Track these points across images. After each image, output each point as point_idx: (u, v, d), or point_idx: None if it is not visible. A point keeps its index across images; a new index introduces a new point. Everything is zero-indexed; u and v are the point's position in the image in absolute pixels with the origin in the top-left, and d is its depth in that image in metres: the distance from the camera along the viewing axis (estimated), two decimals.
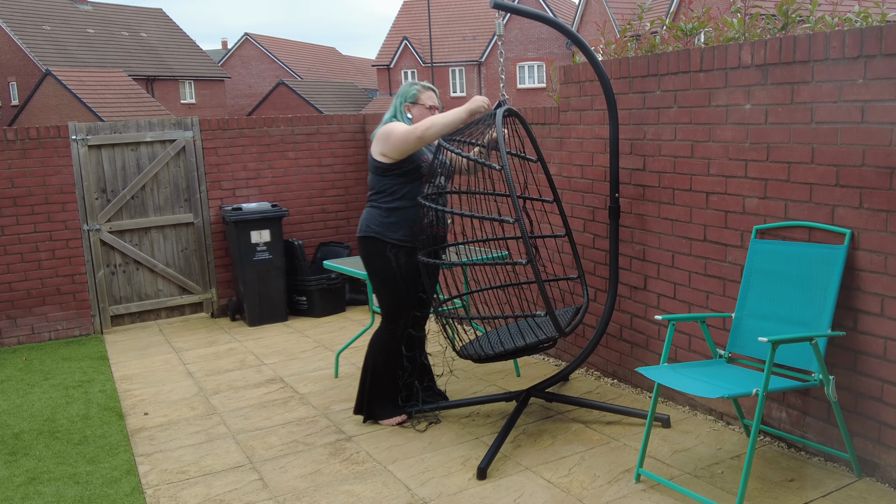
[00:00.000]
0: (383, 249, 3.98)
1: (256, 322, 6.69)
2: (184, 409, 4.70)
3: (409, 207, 3.98)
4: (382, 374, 4.16)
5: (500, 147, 3.52)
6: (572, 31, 4.02)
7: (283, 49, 47.68)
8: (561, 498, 3.30)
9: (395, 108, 4.10)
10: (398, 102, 4.10)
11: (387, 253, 3.98)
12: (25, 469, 3.91)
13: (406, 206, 3.99)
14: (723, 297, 3.83)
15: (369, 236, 4.02)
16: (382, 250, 3.99)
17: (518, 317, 3.77)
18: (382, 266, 4.01)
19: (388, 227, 3.98)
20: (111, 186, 6.58)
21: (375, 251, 4.01)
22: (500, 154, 3.51)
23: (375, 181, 4.04)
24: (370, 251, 4.04)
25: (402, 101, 4.09)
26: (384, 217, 3.99)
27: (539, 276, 3.51)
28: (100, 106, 28.06)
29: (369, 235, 4.02)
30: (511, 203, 3.50)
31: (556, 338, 3.81)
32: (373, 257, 4.03)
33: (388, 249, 3.98)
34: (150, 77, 35.34)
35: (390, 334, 4.12)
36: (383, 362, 4.15)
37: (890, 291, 3.09)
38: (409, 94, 4.10)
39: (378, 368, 4.16)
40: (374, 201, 4.04)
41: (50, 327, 6.45)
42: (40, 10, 33.84)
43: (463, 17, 40.35)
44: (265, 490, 3.55)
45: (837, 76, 3.18)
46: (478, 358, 3.83)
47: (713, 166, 3.81)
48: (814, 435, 3.49)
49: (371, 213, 4.05)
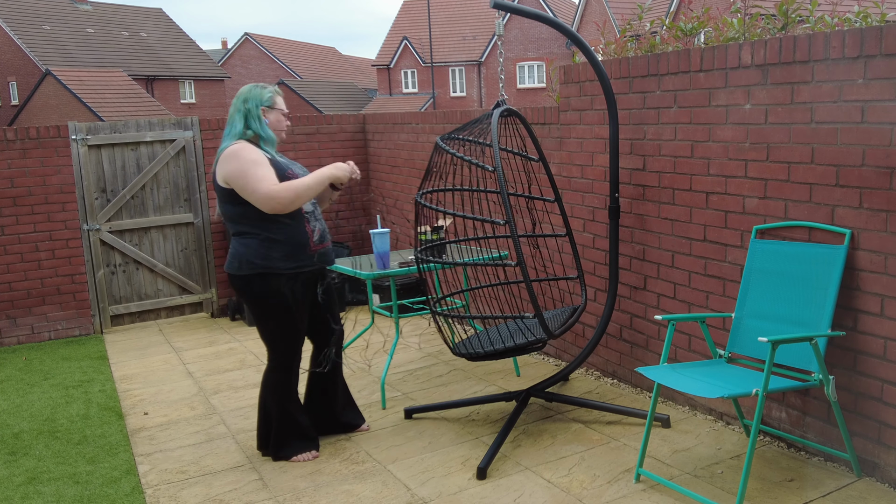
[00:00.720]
0: (278, 285, 3.53)
1: None
2: (184, 408, 4.70)
3: (292, 226, 3.53)
4: (285, 413, 3.77)
5: (494, 147, 3.53)
6: (572, 31, 4.02)
7: (283, 49, 47.68)
8: (561, 498, 3.30)
9: (248, 114, 3.56)
10: (252, 106, 3.56)
11: (282, 288, 3.54)
12: (25, 469, 3.91)
13: (289, 226, 3.53)
14: (723, 296, 3.83)
15: (255, 274, 3.50)
16: (277, 286, 3.53)
17: (507, 318, 3.78)
18: (277, 302, 3.56)
19: (276, 259, 3.51)
20: (111, 186, 6.58)
21: (267, 289, 3.53)
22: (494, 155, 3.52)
23: (235, 211, 3.50)
24: (260, 290, 3.53)
25: (258, 105, 3.58)
26: (267, 248, 3.50)
27: (528, 277, 3.50)
28: (100, 106, 28.05)
29: (255, 273, 3.50)
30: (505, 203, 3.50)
31: (545, 339, 3.81)
32: (264, 296, 3.55)
33: (283, 283, 3.53)
34: (150, 77, 35.34)
35: (286, 372, 3.73)
36: (283, 401, 3.75)
37: (890, 291, 3.09)
38: (263, 97, 3.60)
39: (281, 409, 3.76)
40: (246, 231, 3.51)
41: (50, 327, 6.45)
42: (40, 10, 33.83)
43: (463, 16, 40.35)
44: (265, 490, 3.55)
45: (837, 76, 3.18)
46: (471, 356, 3.84)
47: (713, 166, 3.81)
48: (814, 435, 3.49)
49: (246, 244, 3.51)
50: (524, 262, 3.51)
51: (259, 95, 3.61)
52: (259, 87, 3.65)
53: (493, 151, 3.51)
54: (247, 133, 3.58)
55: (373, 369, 5.21)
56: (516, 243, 3.50)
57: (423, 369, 5.16)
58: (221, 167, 3.49)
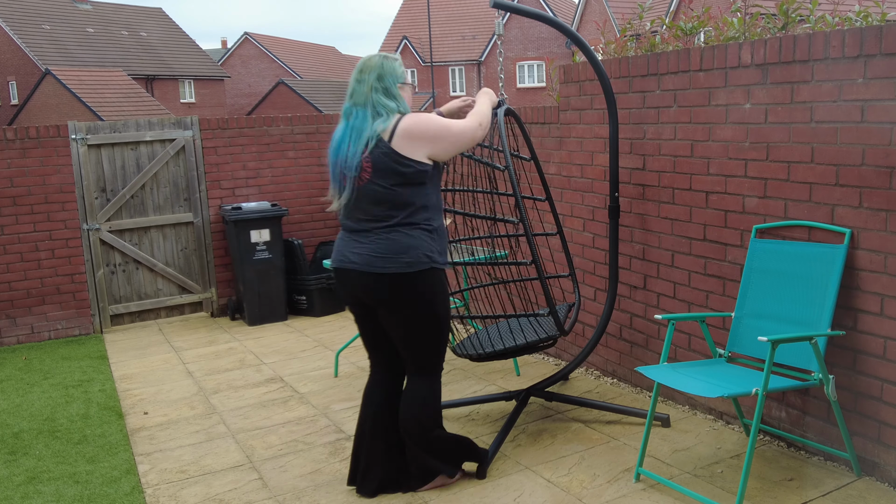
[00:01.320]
0: (442, 279, 3.24)
1: (256, 321, 6.69)
2: (183, 408, 4.70)
3: (441, 217, 3.27)
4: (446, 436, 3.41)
5: (504, 147, 3.53)
6: (572, 30, 4.02)
7: (283, 48, 47.64)
8: (561, 497, 3.30)
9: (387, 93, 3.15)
10: (390, 83, 3.16)
11: (445, 282, 3.27)
12: (25, 468, 3.91)
13: (440, 217, 3.26)
14: (722, 296, 3.83)
15: (427, 269, 3.15)
16: (442, 281, 3.24)
17: (520, 316, 3.78)
18: (443, 300, 3.25)
19: (437, 252, 3.19)
20: (111, 186, 6.58)
21: (438, 284, 3.21)
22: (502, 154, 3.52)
23: (412, 194, 3.13)
24: (432, 286, 3.18)
25: (395, 82, 3.19)
26: (432, 239, 3.18)
27: (543, 275, 3.52)
28: (99, 105, 28.04)
29: (427, 269, 3.15)
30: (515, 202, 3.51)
31: (556, 336, 3.82)
32: (435, 293, 3.20)
33: (445, 276, 3.28)
34: (150, 76, 35.32)
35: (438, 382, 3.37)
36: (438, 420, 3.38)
37: (889, 291, 3.09)
38: (397, 72, 3.21)
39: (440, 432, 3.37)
40: (416, 221, 3.15)
41: (49, 327, 6.45)
42: (40, 10, 33.82)
43: (463, 16, 40.34)
44: (265, 489, 3.55)
45: (837, 75, 3.18)
46: (476, 357, 3.83)
47: (713, 166, 3.81)
48: (813, 434, 3.49)
49: (414, 235, 3.14)
50: (539, 259, 3.51)
51: (394, 70, 3.19)
52: (391, 61, 3.22)
53: (504, 151, 3.52)
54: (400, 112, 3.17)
55: None
56: (530, 241, 3.47)
57: None
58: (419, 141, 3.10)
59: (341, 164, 3.15)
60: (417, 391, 3.31)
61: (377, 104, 3.13)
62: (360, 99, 3.16)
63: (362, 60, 3.24)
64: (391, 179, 3.10)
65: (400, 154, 3.08)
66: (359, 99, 3.16)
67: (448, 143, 3.15)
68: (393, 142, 3.08)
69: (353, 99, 3.18)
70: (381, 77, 3.15)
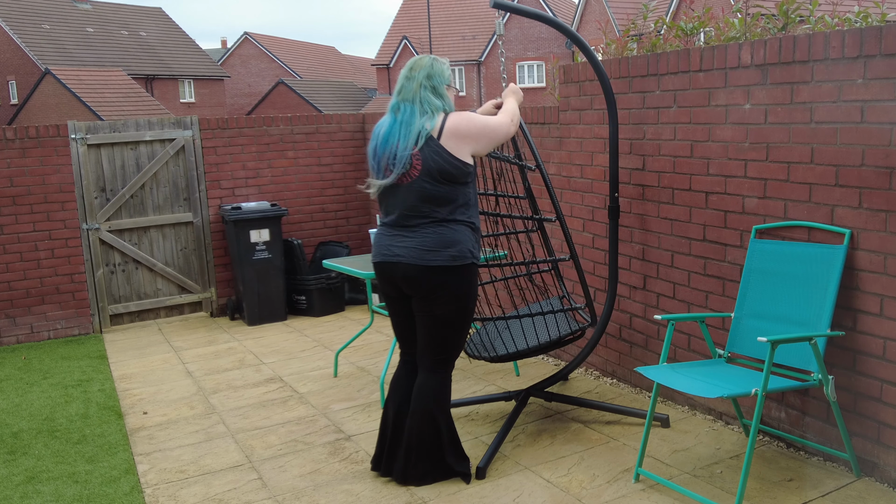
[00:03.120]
0: (477, 276, 3.37)
1: (256, 321, 6.69)
2: (183, 408, 4.70)
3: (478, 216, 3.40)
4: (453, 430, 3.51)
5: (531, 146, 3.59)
6: (572, 30, 4.02)
7: (283, 48, 47.66)
8: (560, 497, 3.30)
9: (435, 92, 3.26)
10: (437, 83, 3.27)
11: (478, 280, 3.40)
12: (24, 468, 3.91)
13: (478, 217, 3.40)
14: (722, 296, 3.83)
15: (470, 264, 3.28)
16: (477, 278, 3.37)
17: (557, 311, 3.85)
18: (474, 296, 3.37)
19: (476, 248, 3.33)
20: (110, 185, 6.58)
21: (474, 280, 3.34)
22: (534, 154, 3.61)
23: (456, 192, 3.24)
24: (470, 281, 3.30)
25: (443, 83, 3.29)
26: (474, 236, 3.31)
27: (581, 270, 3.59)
28: (99, 105, 28.04)
29: (468, 263, 3.28)
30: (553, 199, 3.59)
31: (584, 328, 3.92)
32: (471, 287, 3.33)
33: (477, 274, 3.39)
34: (150, 76, 35.32)
35: (450, 378, 3.49)
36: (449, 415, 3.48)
37: (889, 291, 3.09)
38: (445, 73, 3.32)
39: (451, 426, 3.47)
40: (456, 218, 3.25)
41: (49, 326, 6.44)
42: (39, 9, 33.82)
43: (463, 16, 40.34)
44: (264, 489, 3.55)
45: (837, 76, 3.18)
46: (496, 358, 3.83)
47: (713, 166, 3.81)
48: (813, 435, 3.49)
49: (459, 230, 3.26)
50: (577, 255, 3.56)
51: (442, 72, 3.30)
52: (440, 63, 3.33)
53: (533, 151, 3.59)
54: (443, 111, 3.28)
55: (372, 369, 5.21)
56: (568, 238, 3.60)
57: None
58: (464, 140, 3.21)
59: (389, 157, 3.24)
60: (429, 385, 3.41)
61: (424, 101, 3.23)
62: (408, 95, 3.26)
63: (413, 60, 3.36)
64: (439, 177, 3.20)
65: (449, 152, 3.19)
66: (407, 95, 3.27)
67: (488, 139, 3.31)
68: (442, 139, 3.19)
69: (402, 95, 3.28)
70: (431, 76, 3.27)
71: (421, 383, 3.43)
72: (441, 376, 3.42)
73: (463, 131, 3.21)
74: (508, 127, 3.39)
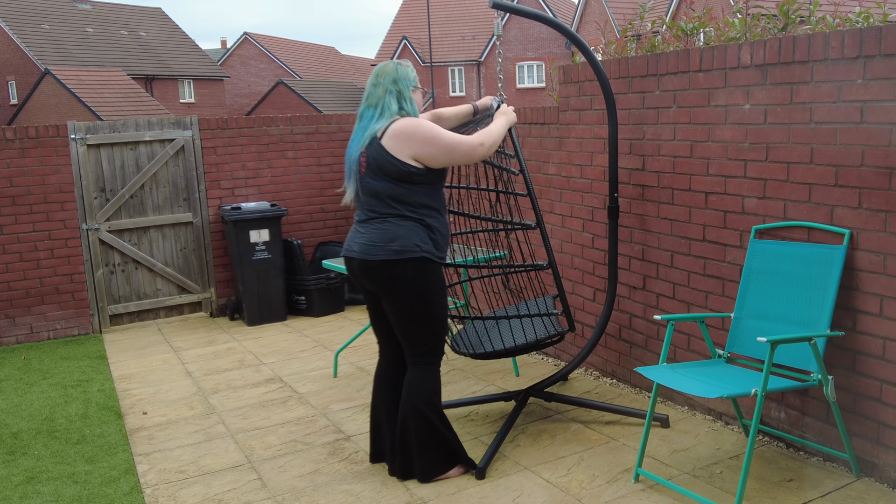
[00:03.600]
0: (434, 270, 3.38)
1: (255, 321, 6.69)
2: (182, 408, 4.70)
3: (443, 215, 3.44)
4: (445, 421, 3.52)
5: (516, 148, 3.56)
6: (572, 31, 4.02)
7: (283, 48, 47.64)
8: (560, 498, 3.30)
9: (400, 96, 3.36)
10: (403, 87, 3.36)
11: (439, 273, 3.41)
12: (24, 468, 3.91)
13: (442, 215, 3.43)
14: (722, 297, 3.83)
15: (417, 258, 3.30)
16: (434, 271, 3.38)
17: (534, 315, 3.82)
18: (438, 287, 3.40)
19: (432, 245, 3.35)
20: (110, 186, 6.58)
21: (427, 274, 3.35)
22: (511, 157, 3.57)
23: (406, 192, 3.30)
24: (420, 275, 3.32)
25: (408, 86, 3.39)
26: (427, 233, 3.34)
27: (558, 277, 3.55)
28: (99, 105, 28.03)
29: (416, 257, 3.29)
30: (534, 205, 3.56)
31: (564, 332, 3.86)
32: (424, 281, 3.34)
33: (441, 270, 3.42)
34: (150, 76, 35.31)
35: (436, 371, 3.51)
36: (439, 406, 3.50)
37: (889, 292, 3.09)
38: (410, 77, 3.42)
39: (441, 417, 3.49)
40: (405, 214, 3.32)
41: (48, 326, 6.44)
42: (39, 9, 33.80)
43: (462, 16, 40.34)
44: (264, 489, 3.55)
45: (837, 76, 3.18)
46: (476, 355, 3.84)
47: (712, 166, 3.81)
48: (812, 435, 3.49)
49: (406, 226, 3.31)
50: (555, 262, 3.56)
51: (407, 75, 3.40)
52: (404, 67, 3.43)
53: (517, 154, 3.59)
54: (400, 114, 3.36)
55: (372, 369, 5.21)
56: (547, 244, 3.57)
57: None
58: (405, 142, 3.26)
59: (351, 161, 3.42)
60: (415, 378, 3.46)
61: (386, 106, 3.36)
62: (373, 101, 3.39)
63: (378, 67, 3.45)
64: (380, 174, 3.31)
65: (387, 151, 3.28)
66: (372, 101, 3.39)
67: (437, 150, 3.29)
68: (383, 140, 3.30)
69: (368, 101, 3.41)
70: (397, 80, 3.38)
71: (407, 379, 3.49)
72: (424, 368, 3.46)
73: (403, 134, 3.27)
74: (473, 149, 3.34)
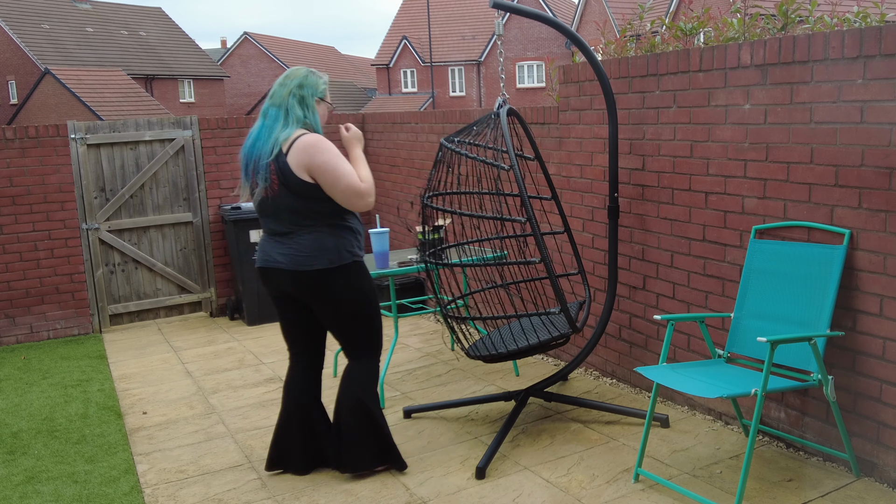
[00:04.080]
0: (366, 270, 3.49)
1: (255, 321, 6.69)
2: (182, 408, 4.70)
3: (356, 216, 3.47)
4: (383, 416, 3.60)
5: (509, 147, 3.54)
6: (572, 30, 4.02)
7: (282, 48, 47.65)
8: (560, 497, 3.30)
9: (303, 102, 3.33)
10: (307, 94, 3.34)
11: (367, 270, 3.51)
12: (24, 468, 3.91)
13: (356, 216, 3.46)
14: (722, 296, 3.83)
15: (350, 263, 3.37)
16: (366, 271, 3.48)
17: (532, 315, 3.79)
18: (371, 288, 3.49)
19: (357, 247, 3.44)
20: (110, 185, 6.58)
21: (363, 275, 3.45)
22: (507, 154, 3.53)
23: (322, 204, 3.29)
24: (358, 277, 3.41)
25: (313, 95, 3.36)
26: (352, 236, 3.41)
27: (553, 273, 3.54)
28: (99, 105, 28.04)
29: (349, 262, 3.37)
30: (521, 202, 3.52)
31: (569, 334, 3.84)
32: (362, 283, 3.44)
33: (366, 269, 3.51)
34: (150, 76, 35.31)
35: (376, 365, 3.60)
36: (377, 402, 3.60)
37: (889, 292, 3.09)
38: (318, 87, 3.39)
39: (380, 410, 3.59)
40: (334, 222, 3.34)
41: (48, 326, 6.44)
42: (39, 9, 33.81)
43: (462, 16, 40.34)
44: (264, 489, 3.55)
45: (836, 76, 3.18)
46: (489, 358, 3.83)
47: (712, 166, 3.81)
48: (812, 435, 3.49)
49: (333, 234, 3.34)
50: (549, 258, 3.54)
51: (315, 84, 3.36)
52: (314, 75, 3.39)
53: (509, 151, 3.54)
54: (304, 123, 3.35)
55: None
56: (539, 241, 3.53)
57: (422, 369, 5.16)
58: (304, 158, 3.23)
59: (255, 160, 3.34)
60: (356, 373, 3.54)
61: (290, 109, 3.32)
62: (277, 100, 3.36)
63: (290, 69, 3.45)
64: (294, 192, 3.28)
65: (293, 172, 3.25)
66: (276, 100, 3.36)
67: (330, 183, 3.25)
68: (288, 156, 3.27)
69: (272, 100, 3.38)
70: (302, 86, 3.35)
71: (348, 372, 3.55)
72: (365, 364, 3.54)
73: (302, 153, 3.23)
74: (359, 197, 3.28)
